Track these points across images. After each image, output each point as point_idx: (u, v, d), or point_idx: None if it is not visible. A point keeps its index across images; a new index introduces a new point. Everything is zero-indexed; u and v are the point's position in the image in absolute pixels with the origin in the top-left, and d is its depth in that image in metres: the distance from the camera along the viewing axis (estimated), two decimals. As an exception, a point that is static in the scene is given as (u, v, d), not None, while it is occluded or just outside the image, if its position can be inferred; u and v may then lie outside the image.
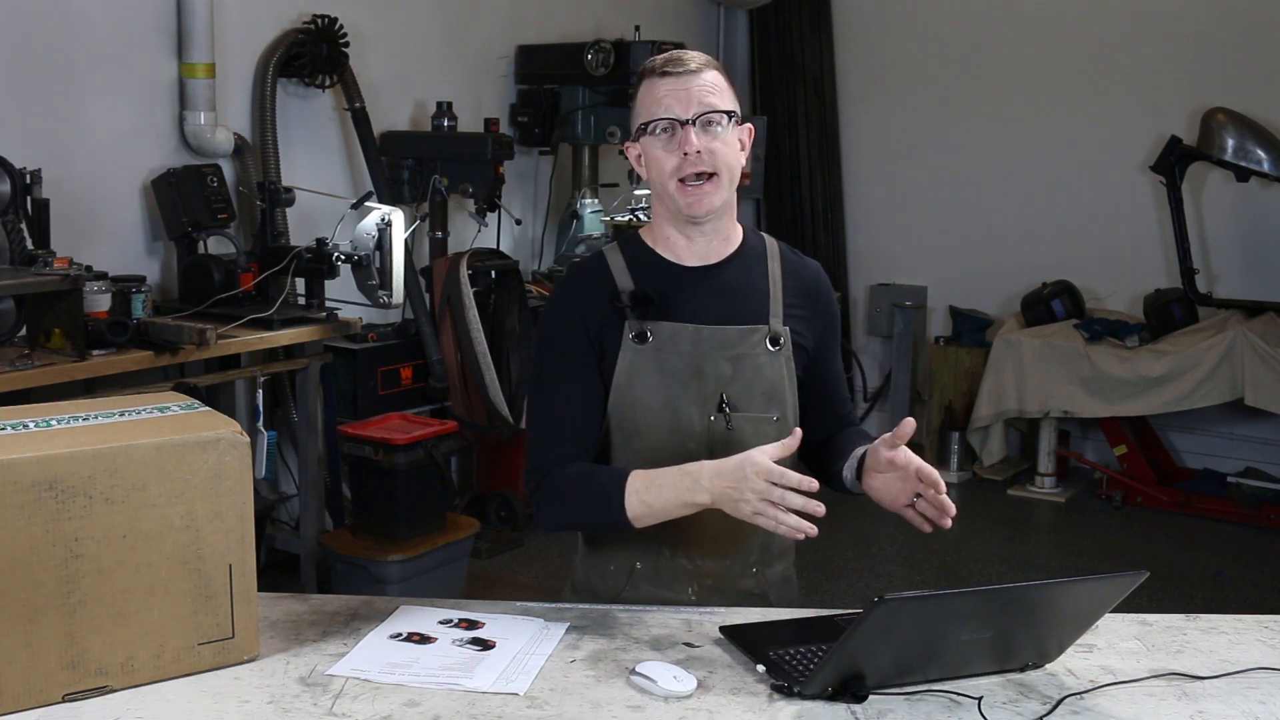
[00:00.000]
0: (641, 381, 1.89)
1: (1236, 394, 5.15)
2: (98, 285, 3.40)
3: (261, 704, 1.51)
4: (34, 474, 1.45)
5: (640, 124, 1.89)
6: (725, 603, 1.93)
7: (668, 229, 1.95)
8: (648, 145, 1.89)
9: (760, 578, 1.99)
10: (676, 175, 1.86)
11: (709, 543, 1.94)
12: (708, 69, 1.88)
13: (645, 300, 1.89)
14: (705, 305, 1.92)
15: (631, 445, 1.91)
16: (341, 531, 4.17)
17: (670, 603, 1.92)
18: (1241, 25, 5.62)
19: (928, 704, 1.55)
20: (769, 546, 1.99)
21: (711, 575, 1.95)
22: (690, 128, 1.84)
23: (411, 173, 4.77)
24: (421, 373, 4.60)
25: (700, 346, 1.90)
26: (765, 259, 1.99)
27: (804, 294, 1.99)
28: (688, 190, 1.86)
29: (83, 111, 3.87)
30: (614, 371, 1.90)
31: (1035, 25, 6.10)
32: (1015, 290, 6.03)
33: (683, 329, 1.90)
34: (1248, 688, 1.64)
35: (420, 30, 5.03)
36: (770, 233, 2.10)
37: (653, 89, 1.87)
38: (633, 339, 1.89)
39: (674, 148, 1.85)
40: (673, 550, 1.94)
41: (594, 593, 1.99)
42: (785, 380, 1.94)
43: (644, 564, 1.95)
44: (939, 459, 5.96)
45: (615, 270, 1.94)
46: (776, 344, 1.93)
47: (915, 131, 6.43)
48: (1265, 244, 5.71)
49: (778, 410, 1.92)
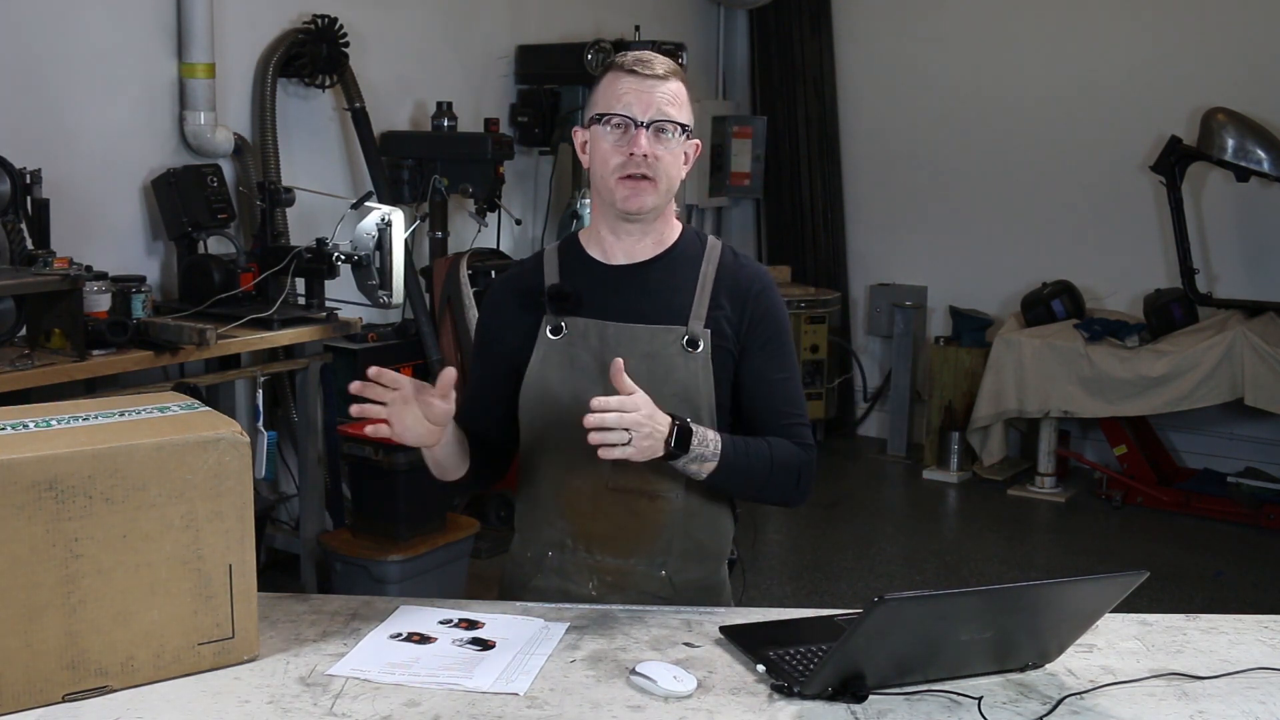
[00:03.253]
0: (552, 373, 1.94)
1: (1236, 394, 5.16)
2: (98, 285, 3.40)
3: (261, 704, 1.51)
4: (34, 474, 1.45)
5: (596, 113, 1.91)
6: (627, 602, 1.92)
7: (600, 226, 1.99)
8: (597, 135, 1.92)
9: (669, 583, 1.96)
10: (619, 173, 1.89)
11: (609, 539, 1.95)
12: (673, 78, 1.91)
13: (562, 296, 1.95)
14: (622, 303, 1.94)
15: (538, 433, 1.96)
16: (341, 531, 4.17)
17: (574, 595, 1.95)
18: (1241, 25, 5.63)
19: (928, 704, 1.55)
20: (682, 550, 1.96)
21: (611, 572, 1.96)
22: (642, 130, 1.87)
23: (411, 173, 4.77)
24: (422, 373, 4.60)
25: (608, 343, 1.92)
26: (700, 261, 1.97)
27: (735, 296, 1.96)
28: (625, 184, 1.89)
29: (83, 111, 3.87)
30: (529, 362, 1.95)
31: (1036, 26, 6.10)
32: (1015, 290, 6.03)
33: (593, 324, 1.94)
34: (1248, 688, 1.64)
35: (420, 30, 5.03)
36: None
37: (615, 83, 1.90)
38: (549, 332, 1.95)
39: (623, 145, 1.88)
40: (574, 543, 1.96)
41: (510, 581, 2.05)
42: (701, 383, 1.92)
43: (554, 554, 1.98)
44: (939, 459, 5.96)
45: (548, 268, 2.00)
46: (694, 346, 1.92)
47: (915, 131, 6.44)
48: (1265, 244, 5.71)
49: (690, 412, 1.88)
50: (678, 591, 1.96)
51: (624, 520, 1.93)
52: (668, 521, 1.94)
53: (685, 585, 1.97)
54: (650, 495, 1.92)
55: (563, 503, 1.96)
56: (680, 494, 1.93)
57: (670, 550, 1.95)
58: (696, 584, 1.98)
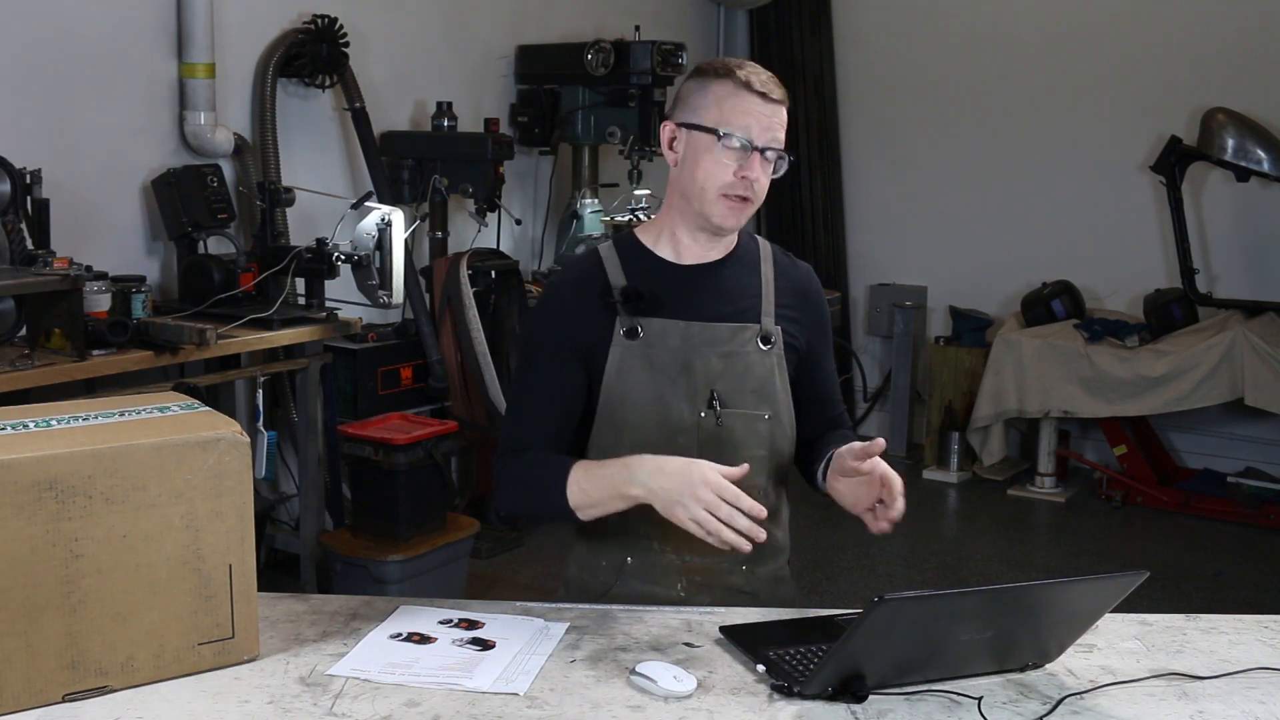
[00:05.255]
0: (631, 376, 1.92)
1: (1236, 394, 5.15)
2: (98, 285, 3.40)
3: (261, 704, 1.51)
4: (34, 474, 1.45)
5: (711, 126, 1.88)
6: (714, 599, 1.94)
7: (677, 228, 1.97)
8: (703, 145, 1.89)
9: (750, 576, 1.99)
10: (724, 190, 1.88)
11: (697, 539, 1.93)
12: (785, 103, 1.92)
13: (637, 297, 1.93)
14: (697, 303, 1.95)
15: (623, 440, 1.93)
16: (341, 531, 4.17)
17: (660, 598, 1.93)
18: (1241, 25, 5.62)
19: (928, 704, 1.55)
20: (759, 545, 1.97)
21: (699, 571, 1.96)
22: (758, 155, 1.88)
23: (411, 173, 4.77)
24: (421, 373, 4.60)
25: (690, 342, 1.93)
26: (759, 260, 2.03)
27: (796, 295, 2.03)
28: (726, 202, 1.89)
29: (83, 111, 3.87)
30: (605, 367, 1.92)
31: (1035, 25, 6.10)
32: (1015, 290, 6.03)
33: (673, 325, 1.93)
34: (1248, 688, 1.64)
35: (420, 30, 5.03)
36: (770, 233, 2.14)
37: (738, 99, 1.88)
38: (624, 334, 1.92)
39: (737, 164, 1.88)
40: (661, 545, 1.95)
41: (585, 588, 2.01)
42: (776, 378, 1.96)
43: (634, 559, 1.97)
44: (939, 459, 5.96)
45: (609, 268, 1.97)
46: (768, 342, 1.96)
47: (915, 131, 6.43)
48: (1265, 244, 5.71)
49: (769, 408, 1.94)
50: (760, 585, 2.00)
51: None
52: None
53: (763, 579, 2.01)
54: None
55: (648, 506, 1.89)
56: (760, 490, 1.95)
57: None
58: (771, 576, 2.03)
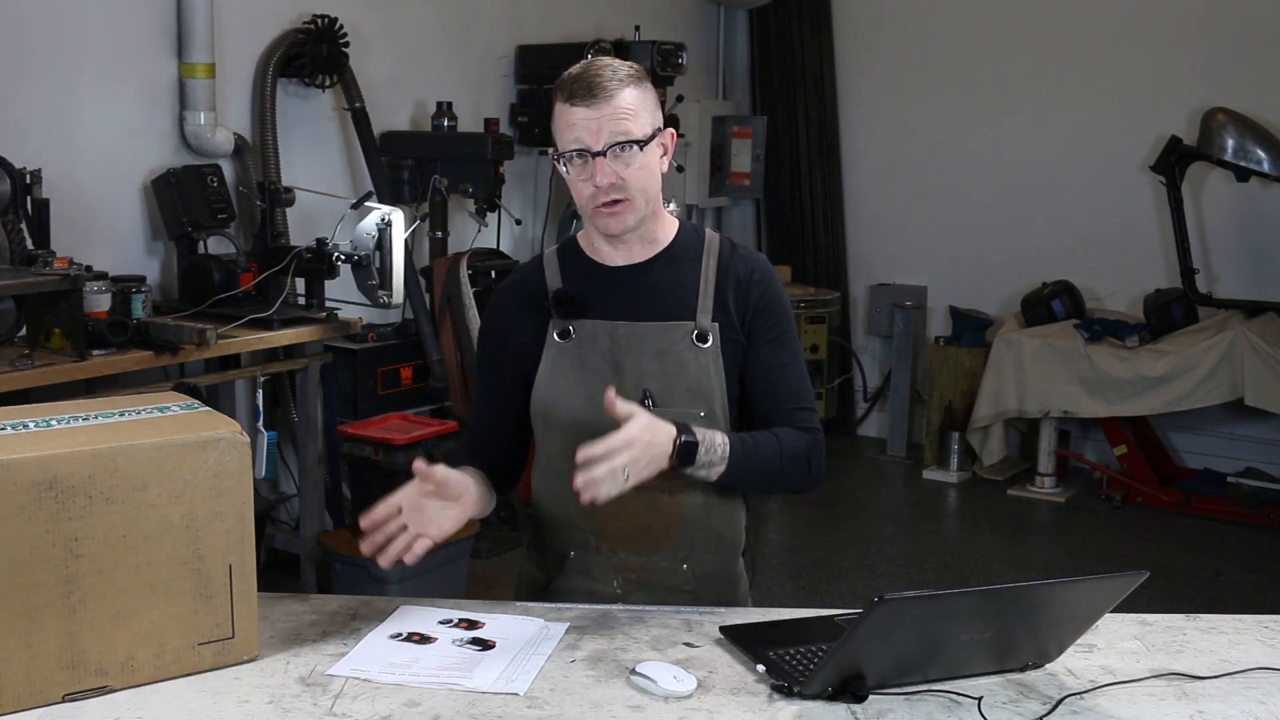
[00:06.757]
0: (563, 377, 1.93)
1: (1236, 394, 5.15)
2: (98, 285, 3.40)
3: (261, 704, 1.51)
4: (34, 474, 1.45)
5: (555, 152, 1.90)
6: (652, 598, 1.94)
7: (593, 236, 1.99)
8: (564, 170, 1.89)
9: (689, 575, 1.97)
10: (592, 203, 1.88)
11: (633, 536, 1.95)
12: (621, 89, 1.84)
13: (569, 300, 1.94)
14: (629, 304, 1.94)
15: (555, 439, 1.95)
16: (341, 531, 4.17)
17: (598, 594, 1.95)
18: (1241, 25, 5.63)
19: (928, 704, 1.55)
20: (703, 543, 1.98)
21: (636, 569, 1.96)
22: (601, 159, 1.84)
23: (411, 173, 4.77)
24: (421, 373, 4.60)
25: (619, 343, 1.92)
26: (700, 255, 1.98)
27: (738, 287, 1.96)
28: (601, 212, 1.89)
29: (83, 111, 3.87)
30: (539, 368, 1.95)
31: (1035, 25, 6.10)
32: (1015, 290, 6.03)
33: (602, 326, 1.93)
34: (1248, 688, 1.64)
35: (420, 30, 5.03)
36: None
37: (565, 115, 1.86)
38: (557, 336, 1.94)
39: (587, 176, 1.86)
40: (598, 541, 1.96)
41: (533, 581, 2.04)
42: (713, 376, 1.93)
43: (575, 554, 1.98)
44: (939, 459, 5.96)
45: (549, 272, 2.00)
46: (704, 340, 1.93)
47: (915, 131, 6.43)
48: (1265, 244, 5.71)
49: (704, 406, 1.91)
50: (700, 584, 1.98)
51: (646, 517, 1.92)
52: (689, 515, 1.94)
53: (707, 577, 1.99)
54: (671, 491, 1.92)
55: (584, 504, 1.93)
56: (700, 488, 1.94)
57: (693, 544, 1.96)
58: (717, 575, 2.00)
